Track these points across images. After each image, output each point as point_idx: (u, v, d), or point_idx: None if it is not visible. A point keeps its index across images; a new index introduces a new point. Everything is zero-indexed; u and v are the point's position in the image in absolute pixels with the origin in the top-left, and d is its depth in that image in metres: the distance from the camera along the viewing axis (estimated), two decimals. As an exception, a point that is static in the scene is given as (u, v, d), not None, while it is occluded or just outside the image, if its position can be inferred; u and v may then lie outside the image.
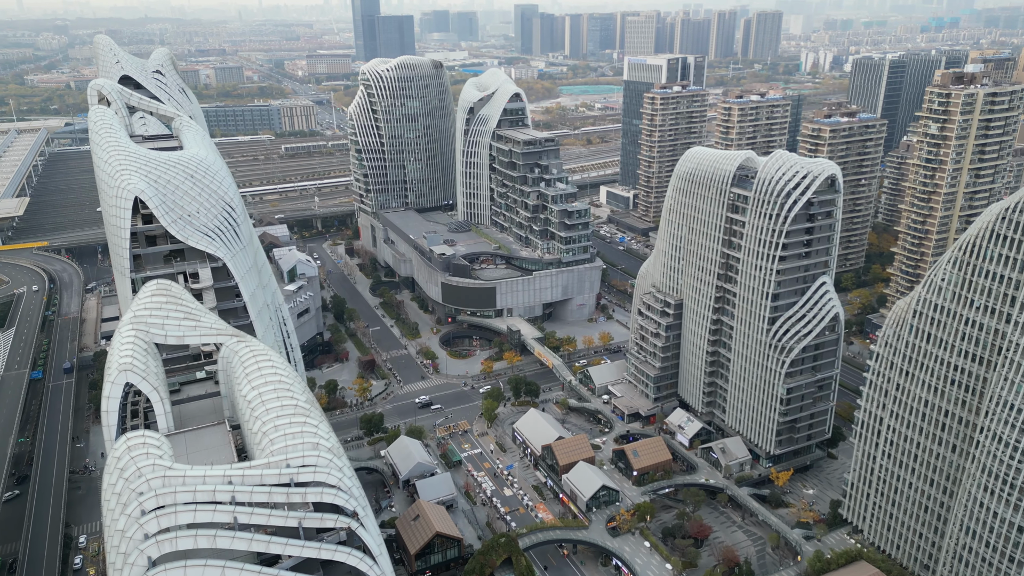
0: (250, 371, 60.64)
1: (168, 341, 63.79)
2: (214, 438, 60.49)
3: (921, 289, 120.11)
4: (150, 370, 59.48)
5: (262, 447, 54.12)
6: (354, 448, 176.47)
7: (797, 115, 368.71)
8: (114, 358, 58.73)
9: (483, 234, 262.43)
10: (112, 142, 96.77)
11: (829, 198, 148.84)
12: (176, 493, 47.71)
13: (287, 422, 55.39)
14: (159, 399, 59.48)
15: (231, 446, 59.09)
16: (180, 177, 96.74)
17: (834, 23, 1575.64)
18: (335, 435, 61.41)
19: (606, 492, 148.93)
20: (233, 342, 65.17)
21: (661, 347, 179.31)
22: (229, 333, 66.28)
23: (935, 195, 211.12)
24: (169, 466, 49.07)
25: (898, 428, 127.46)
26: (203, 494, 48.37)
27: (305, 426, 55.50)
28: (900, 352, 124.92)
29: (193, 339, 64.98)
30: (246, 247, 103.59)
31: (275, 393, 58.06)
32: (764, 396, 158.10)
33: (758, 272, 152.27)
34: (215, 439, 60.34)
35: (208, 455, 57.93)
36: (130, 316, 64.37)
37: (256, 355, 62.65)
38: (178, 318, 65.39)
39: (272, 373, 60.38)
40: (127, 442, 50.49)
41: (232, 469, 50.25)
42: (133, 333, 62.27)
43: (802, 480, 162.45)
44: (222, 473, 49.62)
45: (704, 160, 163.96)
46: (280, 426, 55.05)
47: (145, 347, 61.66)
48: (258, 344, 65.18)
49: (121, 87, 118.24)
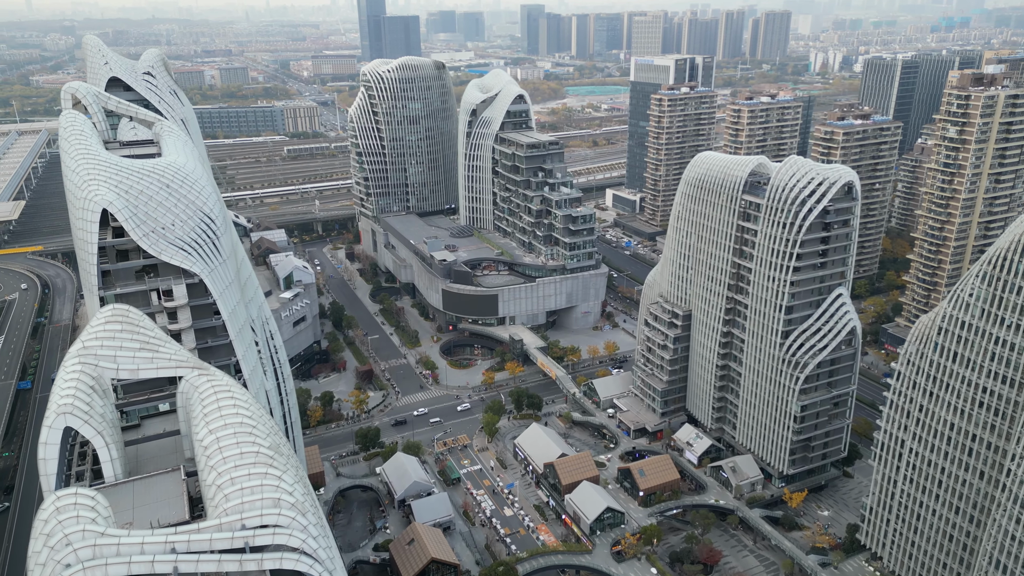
0: (208, 411, 54.03)
1: (120, 375, 57.32)
2: (167, 487, 53.95)
3: (947, 305, 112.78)
4: (95, 411, 53.05)
5: (216, 503, 47.53)
6: (349, 464, 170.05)
7: (808, 117, 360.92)
8: (54, 398, 52.30)
9: (486, 239, 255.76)
10: (81, 149, 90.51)
11: (846, 206, 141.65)
12: (108, 566, 41.22)
13: (245, 473, 48.74)
14: (104, 444, 52.98)
15: (184, 498, 52.55)
16: (154, 187, 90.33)
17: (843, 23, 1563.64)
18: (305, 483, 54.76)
19: (611, 514, 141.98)
20: (194, 376, 58.57)
21: (669, 360, 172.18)
22: (190, 365, 59.70)
23: (953, 201, 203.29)
24: (102, 532, 42.57)
25: (921, 452, 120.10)
26: (140, 566, 41.89)
27: (266, 478, 48.85)
28: (924, 371, 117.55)
29: (149, 372, 58.47)
30: (226, 261, 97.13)
31: (234, 438, 51.42)
32: (777, 413, 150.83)
33: (771, 283, 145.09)
34: (168, 489, 53.79)
35: (157, 509, 51.42)
36: (78, 347, 57.89)
37: (217, 391, 56.01)
38: (133, 349, 58.88)
39: (233, 414, 53.73)
40: (56, 502, 43.96)
41: (176, 534, 43.71)
42: (79, 368, 55.81)
43: (816, 501, 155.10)
44: (163, 539, 43.08)
45: (714, 165, 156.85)
46: (237, 478, 48.39)
47: (92, 384, 55.18)
48: (221, 378, 58.52)
49: (98, 90, 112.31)
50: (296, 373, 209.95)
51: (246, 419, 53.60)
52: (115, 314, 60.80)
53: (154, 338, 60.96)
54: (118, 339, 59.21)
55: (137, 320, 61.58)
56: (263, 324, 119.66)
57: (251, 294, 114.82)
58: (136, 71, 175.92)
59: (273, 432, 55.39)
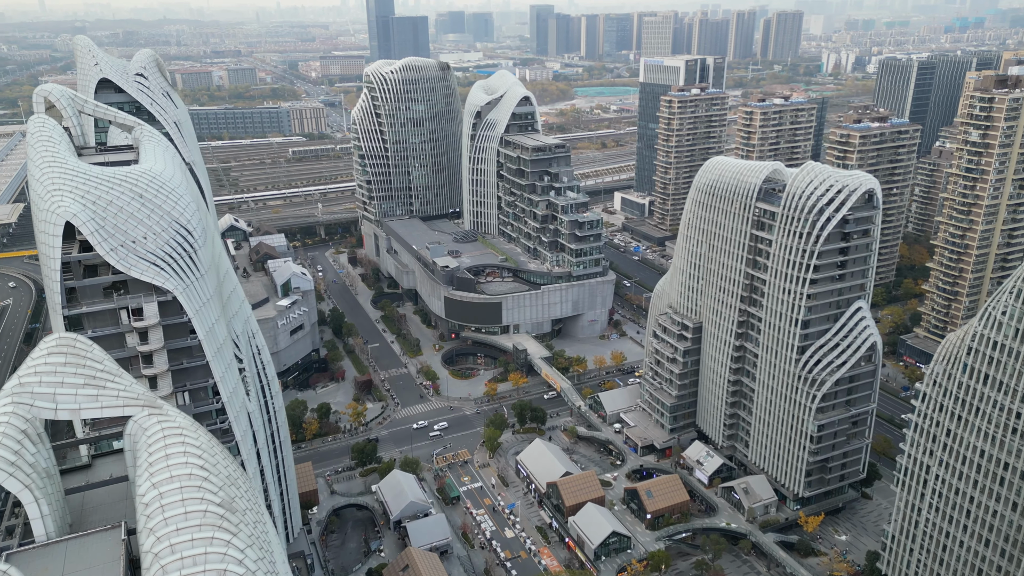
0: (154, 459, 47.51)
1: (59, 416, 50.97)
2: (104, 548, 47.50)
3: (977, 323, 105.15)
4: (23, 461, 46.74)
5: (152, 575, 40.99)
6: (345, 479, 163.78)
7: (821, 119, 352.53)
8: (-24, 446, 45.98)
9: (490, 245, 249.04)
10: (47, 157, 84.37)
11: (866, 215, 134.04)
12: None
13: (188, 539, 42.19)
14: (33, 499, 46.51)
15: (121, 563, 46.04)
16: (125, 197, 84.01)
17: (855, 23, 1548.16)
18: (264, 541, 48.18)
19: (616, 539, 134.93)
20: (143, 416, 52.03)
21: (678, 374, 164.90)
22: (141, 403, 53.17)
23: (976, 207, 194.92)
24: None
25: (948, 479, 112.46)
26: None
27: (212, 544, 42.29)
28: (951, 393, 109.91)
29: (92, 412, 52.01)
30: (205, 275, 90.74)
31: (179, 494, 44.88)
32: (792, 432, 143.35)
33: (786, 296, 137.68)
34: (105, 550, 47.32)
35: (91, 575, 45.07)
36: (13, 384, 51.49)
37: (166, 435, 49.51)
38: (76, 385, 52.44)
39: (182, 463, 47.19)
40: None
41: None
42: (11, 408, 49.40)
43: (834, 524, 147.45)
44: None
45: (726, 171, 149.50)
46: (178, 545, 41.85)
47: (23, 427, 48.82)
48: (174, 419, 51.95)
49: (73, 93, 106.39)
50: (293, 383, 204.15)
51: (196, 470, 47.02)
52: (59, 345, 54.36)
53: (102, 372, 54.48)
54: (60, 374, 52.78)
55: (84, 351, 55.12)
56: (249, 339, 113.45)
57: (235, 308, 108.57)
58: (127, 72, 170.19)
59: (229, 483, 48.77)
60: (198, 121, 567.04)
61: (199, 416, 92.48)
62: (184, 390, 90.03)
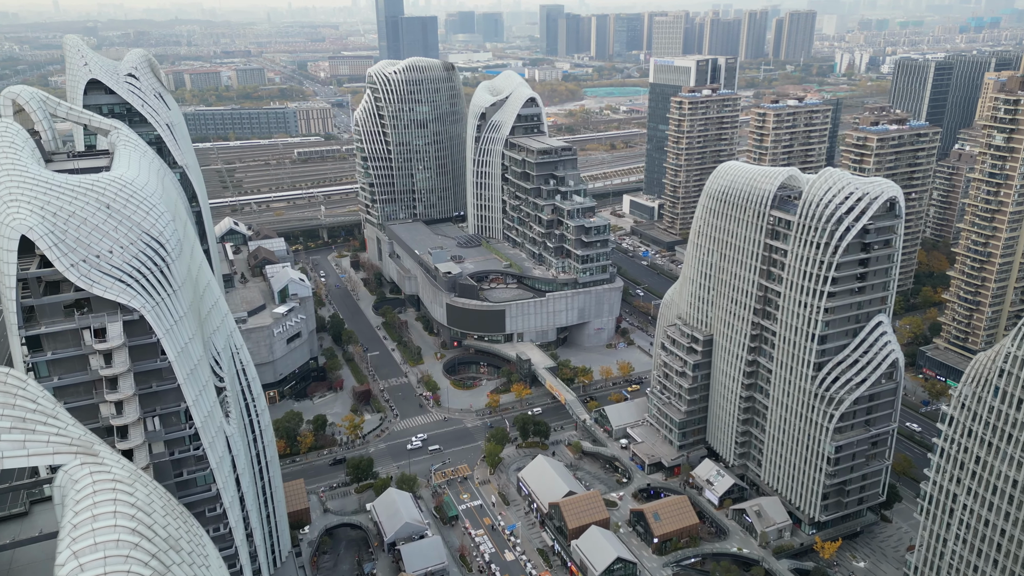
0: (79, 521, 41.15)
1: (-23, 465, 44.92)
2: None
3: (1011, 343, 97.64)
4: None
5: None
6: (340, 496, 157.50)
7: (835, 121, 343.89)
8: None
9: (494, 250, 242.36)
10: (7, 164, 78.41)
11: (888, 224, 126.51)
12: None
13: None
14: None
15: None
16: (91, 207, 77.90)
17: (869, 23, 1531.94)
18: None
19: (621, 565, 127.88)
20: (75, 465, 45.70)
21: (688, 388, 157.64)
22: (73, 450, 46.84)
23: (999, 213, 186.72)
24: None
25: (976, 509, 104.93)
26: None
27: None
28: (981, 418, 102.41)
29: (17, 461, 45.78)
30: (179, 291, 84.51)
31: (102, 566, 38.46)
32: (808, 452, 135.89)
33: (802, 309, 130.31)
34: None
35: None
36: (-75, 429, 45.29)
37: (96, 492, 43.15)
38: (1, 429, 46.28)
39: (109, 527, 40.79)
40: None
41: None
42: (-81, 459, 43.31)
43: (851, 550, 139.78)
44: None
45: (739, 177, 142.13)
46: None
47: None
48: (109, 470, 45.56)
49: (45, 95, 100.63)
50: (290, 393, 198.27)
51: (125, 535, 40.54)
52: (-13, 381, 48.08)
53: (34, 412, 48.17)
54: (-17, 416, 46.47)
55: (17, 388, 48.84)
56: (232, 356, 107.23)
57: (216, 323, 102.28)
58: (118, 73, 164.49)
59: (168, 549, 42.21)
60: (204, 122, 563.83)
61: (171, 443, 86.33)
62: (154, 415, 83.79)
